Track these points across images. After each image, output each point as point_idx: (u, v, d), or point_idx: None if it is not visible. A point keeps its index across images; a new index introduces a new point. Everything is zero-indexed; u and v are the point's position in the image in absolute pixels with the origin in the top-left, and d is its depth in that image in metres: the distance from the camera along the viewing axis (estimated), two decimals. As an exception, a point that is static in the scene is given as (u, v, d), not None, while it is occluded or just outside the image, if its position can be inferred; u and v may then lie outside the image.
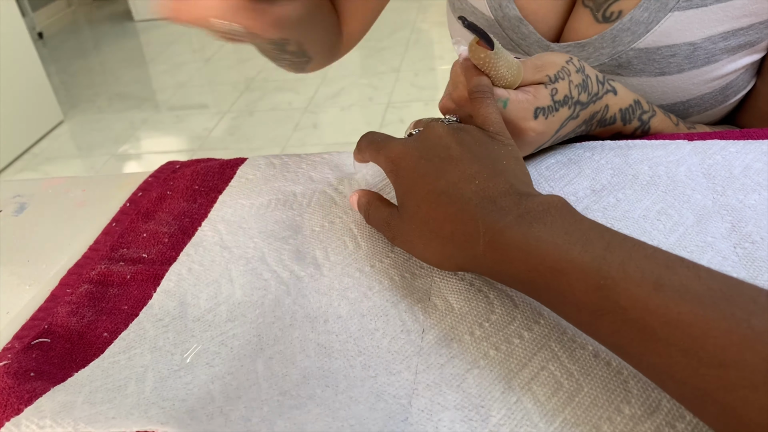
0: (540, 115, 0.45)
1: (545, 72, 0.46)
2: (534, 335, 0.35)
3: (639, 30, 0.52)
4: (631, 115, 0.50)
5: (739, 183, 0.44)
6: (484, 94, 0.42)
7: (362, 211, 0.44)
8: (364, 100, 2.59)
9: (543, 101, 0.45)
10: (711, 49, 0.52)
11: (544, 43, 0.58)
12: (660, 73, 0.54)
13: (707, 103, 0.55)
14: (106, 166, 2.40)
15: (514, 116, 0.44)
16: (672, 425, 0.29)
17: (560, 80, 0.46)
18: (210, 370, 0.35)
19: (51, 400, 0.33)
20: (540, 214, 0.33)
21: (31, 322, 0.41)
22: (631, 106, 0.50)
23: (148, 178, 0.56)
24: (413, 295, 0.39)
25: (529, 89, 0.45)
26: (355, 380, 0.33)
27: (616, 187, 0.45)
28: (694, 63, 0.53)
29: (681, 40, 0.52)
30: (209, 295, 0.41)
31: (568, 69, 0.46)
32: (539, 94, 0.45)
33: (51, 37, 3.94)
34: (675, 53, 0.52)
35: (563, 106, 0.46)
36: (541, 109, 0.45)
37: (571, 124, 0.47)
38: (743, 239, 0.39)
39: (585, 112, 0.48)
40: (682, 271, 0.28)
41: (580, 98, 0.47)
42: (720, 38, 0.51)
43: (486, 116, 0.41)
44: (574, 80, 0.46)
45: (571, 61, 0.47)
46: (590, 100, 0.48)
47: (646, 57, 0.53)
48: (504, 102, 0.44)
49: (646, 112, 0.51)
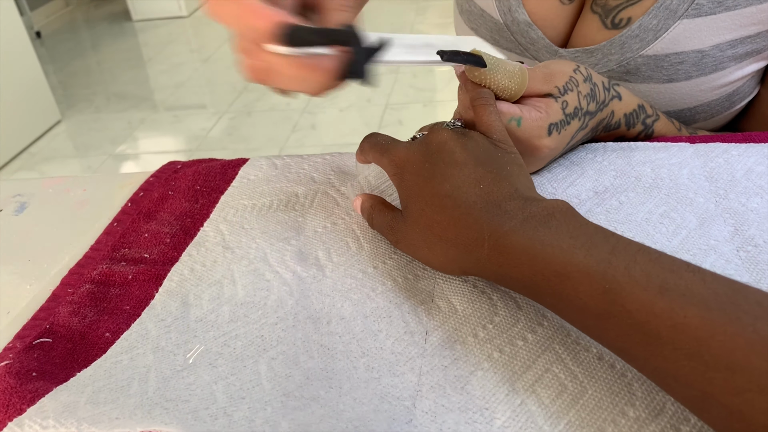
0: (554, 131, 0.44)
1: (554, 83, 0.45)
2: (538, 337, 0.35)
3: (648, 37, 0.53)
4: (635, 119, 0.50)
5: (741, 186, 0.44)
6: (485, 101, 0.42)
7: (365, 215, 0.44)
8: (363, 101, 2.59)
9: (555, 116, 0.44)
10: (719, 57, 0.52)
11: (553, 48, 0.58)
12: (668, 80, 0.54)
13: (714, 110, 0.55)
14: (104, 166, 2.40)
15: (529, 135, 0.43)
16: (676, 428, 0.29)
17: (569, 92, 0.45)
18: (213, 371, 0.35)
19: (54, 400, 0.33)
20: (545, 218, 0.33)
21: (32, 321, 0.41)
22: (635, 111, 0.50)
23: (150, 178, 0.56)
24: (416, 296, 0.39)
25: (540, 105, 0.44)
26: (358, 382, 0.33)
27: (618, 190, 0.45)
28: (702, 70, 0.53)
29: (689, 47, 0.52)
30: (212, 295, 0.41)
31: (576, 79, 0.46)
32: (551, 109, 0.44)
33: (49, 37, 3.93)
34: (683, 60, 0.52)
35: (574, 119, 0.45)
36: (554, 124, 0.44)
37: (580, 134, 0.47)
38: (746, 242, 0.39)
39: (593, 120, 0.48)
40: (687, 275, 0.28)
41: (589, 108, 0.46)
42: (728, 46, 0.52)
43: (489, 124, 0.41)
44: (583, 90, 0.46)
45: (578, 69, 0.46)
46: (598, 109, 0.47)
47: (655, 64, 0.53)
48: (518, 121, 0.43)
49: (649, 116, 0.51)
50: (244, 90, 2.83)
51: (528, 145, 0.44)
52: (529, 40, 0.59)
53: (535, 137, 0.44)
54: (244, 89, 2.83)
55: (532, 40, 0.59)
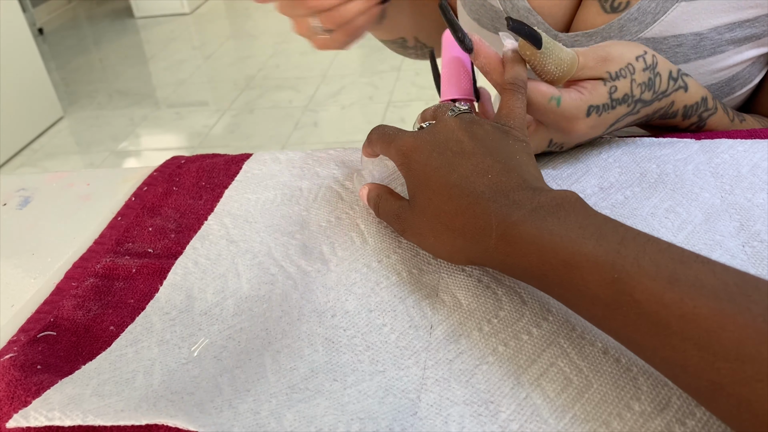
0: (593, 113, 0.45)
1: (606, 68, 0.45)
2: (543, 332, 0.34)
3: (646, 20, 0.53)
4: (693, 111, 0.50)
5: (747, 182, 0.44)
6: (517, 88, 0.42)
7: (372, 204, 0.44)
8: (365, 98, 2.59)
9: (599, 99, 0.44)
10: (717, 40, 0.52)
11: (553, 33, 0.58)
12: None
13: (713, 94, 0.56)
14: (106, 162, 2.40)
15: (567, 114, 0.44)
16: (682, 422, 0.29)
17: (621, 78, 0.45)
18: (218, 364, 0.35)
19: (59, 392, 0.33)
20: (553, 209, 0.33)
21: (36, 315, 0.41)
22: (696, 103, 0.50)
23: (153, 173, 0.56)
24: (421, 290, 0.39)
25: (585, 85, 0.44)
26: (363, 375, 0.33)
27: (624, 185, 0.45)
28: (700, 53, 0.53)
29: (687, 30, 0.52)
30: (216, 288, 0.41)
31: (633, 66, 0.45)
32: (596, 91, 0.44)
33: (51, 33, 3.94)
34: (681, 43, 0.53)
35: (621, 104, 0.46)
36: (595, 107, 0.44)
37: (629, 119, 0.47)
38: (752, 238, 0.39)
39: (648, 108, 0.47)
40: (696, 266, 0.28)
41: (643, 96, 0.46)
42: (726, 29, 0.52)
43: (512, 109, 0.41)
44: (638, 78, 0.46)
45: (643, 57, 0.46)
46: (655, 98, 0.47)
47: (653, 47, 0.53)
48: (557, 100, 0.43)
49: (708, 109, 0.51)
50: (246, 87, 2.83)
51: (566, 123, 0.44)
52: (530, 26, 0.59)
53: (573, 117, 0.44)
54: (247, 87, 2.83)
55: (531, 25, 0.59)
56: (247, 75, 2.96)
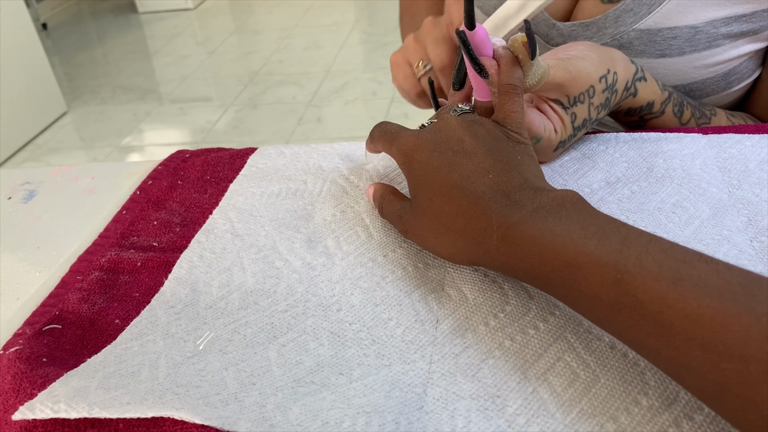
0: (560, 148, 0.47)
1: (566, 91, 0.44)
2: (549, 326, 0.34)
3: (641, 11, 0.53)
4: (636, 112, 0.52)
5: (755, 177, 0.43)
6: (515, 90, 0.41)
7: (376, 203, 0.43)
8: (368, 94, 2.58)
9: (566, 134, 0.46)
10: (712, 34, 0.52)
11: (551, 22, 0.58)
12: (660, 55, 0.54)
13: (708, 88, 0.55)
14: (109, 158, 2.40)
15: (540, 150, 0.46)
16: (690, 417, 0.29)
17: (579, 104, 0.45)
18: (223, 357, 0.35)
19: (64, 385, 0.33)
20: (555, 209, 0.33)
21: (41, 308, 0.41)
22: (641, 107, 0.51)
23: (158, 167, 0.55)
24: (427, 285, 0.39)
25: (557, 124, 0.45)
26: (369, 368, 0.33)
27: (630, 180, 0.45)
28: (695, 46, 0.53)
29: (682, 22, 0.52)
30: (221, 282, 0.41)
31: (594, 89, 0.45)
32: (565, 126, 0.46)
33: (55, 29, 3.94)
34: (676, 35, 0.53)
35: (581, 130, 0.47)
36: (563, 142, 0.47)
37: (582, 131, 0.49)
38: (760, 233, 0.39)
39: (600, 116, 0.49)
40: (700, 266, 0.28)
41: (599, 116, 0.48)
42: (721, 23, 0.52)
43: (510, 112, 0.40)
44: (596, 101, 0.46)
45: (605, 77, 0.46)
46: (609, 112, 0.49)
47: (648, 38, 0.53)
48: (537, 140, 0.45)
49: (652, 113, 0.52)
50: (249, 83, 2.82)
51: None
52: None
53: (542, 153, 0.46)
54: (250, 82, 2.83)
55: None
56: (250, 70, 2.96)
